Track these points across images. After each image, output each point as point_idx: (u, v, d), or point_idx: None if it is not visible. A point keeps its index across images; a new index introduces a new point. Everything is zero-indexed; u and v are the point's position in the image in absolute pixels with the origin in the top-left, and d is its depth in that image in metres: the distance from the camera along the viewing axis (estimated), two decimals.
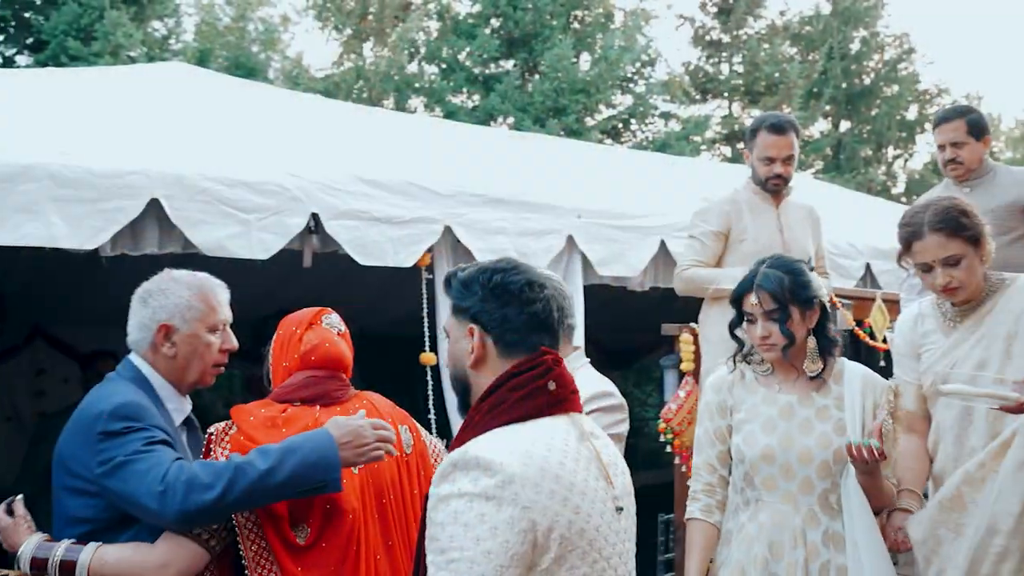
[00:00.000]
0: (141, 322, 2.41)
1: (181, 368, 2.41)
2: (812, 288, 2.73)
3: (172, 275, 2.45)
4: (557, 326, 1.85)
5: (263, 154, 3.88)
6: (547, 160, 5.76)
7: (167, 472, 2.10)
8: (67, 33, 11.63)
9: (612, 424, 2.91)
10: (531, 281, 1.83)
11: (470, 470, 1.63)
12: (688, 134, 16.69)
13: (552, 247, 4.39)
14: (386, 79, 15.84)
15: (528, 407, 1.75)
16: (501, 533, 1.58)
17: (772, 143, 4.10)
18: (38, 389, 8.47)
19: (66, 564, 2.14)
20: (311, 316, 2.53)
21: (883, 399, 2.70)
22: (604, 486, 1.78)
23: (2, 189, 3.01)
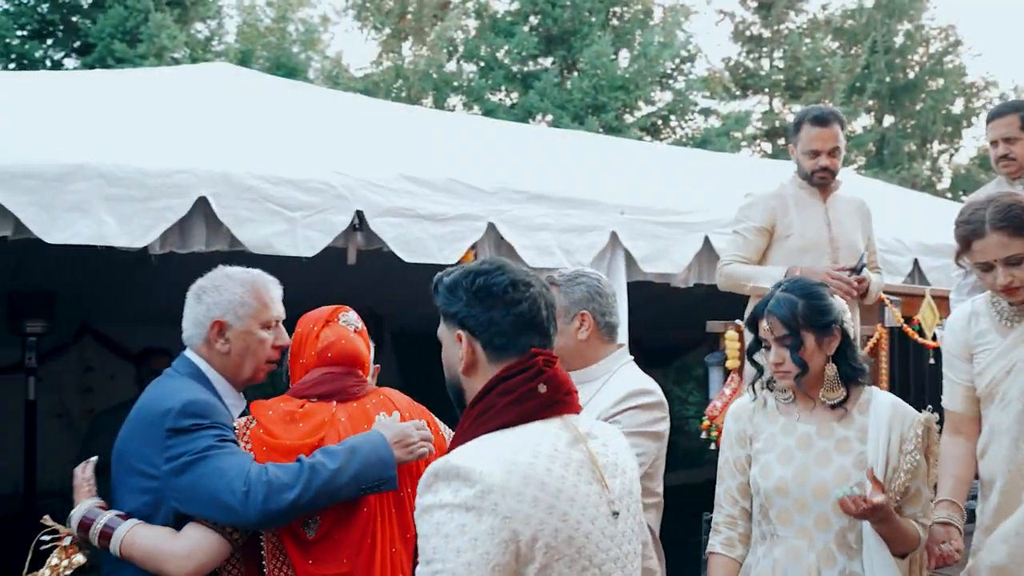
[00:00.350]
0: (195, 318, 2.43)
1: (235, 364, 2.43)
2: (831, 313, 2.57)
3: (226, 272, 2.47)
4: (547, 324, 1.82)
5: (308, 152, 3.91)
6: (589, 156, 5.73)
7: (249, 472, 2.12)
8: (113, 36, 11.82)
9: (650, 422, 2.90)
10: (515, 281, 1.79)
11: (451, 480, 1.61)
12: (728, 130, 16.54)
13: (595, 244, 4.37)
14: (425, 78, 15.89)
15: (517, 412, 1.72)
16: (481, 544, 1.56)
17: (816, 136, 4.02)
18: (86, 386, 8.62)
19: (105, 533, 2.18)
20: (328, 314, 2.54)
21: (911, 432, 2.50)
22: (598, 490, 1.74)
23: (55, 188, 3.05)
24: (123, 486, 2.28)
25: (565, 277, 3.12)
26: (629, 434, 2.86)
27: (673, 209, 4.68)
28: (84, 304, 7.57)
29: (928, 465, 2.55)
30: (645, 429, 2.88)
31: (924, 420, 2.53)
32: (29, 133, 3.32)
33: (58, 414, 8.40)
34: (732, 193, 5.22)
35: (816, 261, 4.00)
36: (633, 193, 4.67)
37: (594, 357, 3.07)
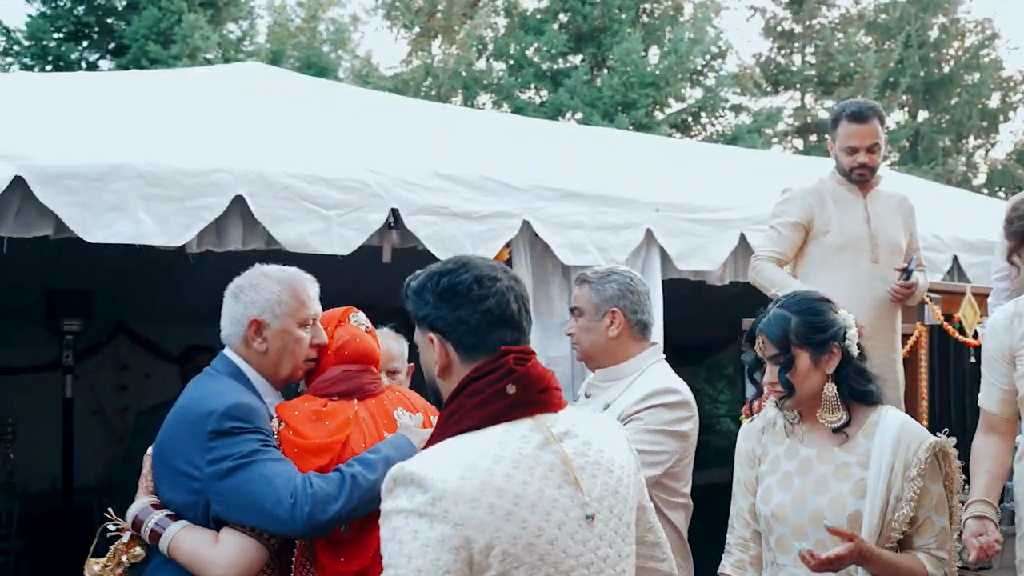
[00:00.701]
0: (233, 317, 2.42)
1: (273, 363, 2.42)
2: (826, 330, 2.43)
3: (263, 270, 2.47)
4: (518, 318, 1.76)
5: (342, 150, 3.91)
6: (622, 153, 5.69)
7: (295, 483, 2.12)
8: (147, 37, 11.94)
9: (674, 421, 2.88)
10: (479, 277, 1.75)
11: (407, 486, 1.60)
12: (759, 127, 16.40)
13: (630, 241, 4.33)
14: (454, 76, 15.92)
15: (483, 414, 1.69)
16: (432, 551, 1.55)
17: (854, 132, 3.94)
18: (121, 384, 8.72)
19: (155, 532, 2.20)
20: (340, 315, 2.56)
21: (915, 458, 2.33)
22: (569, 493, 1.69)
23: (95, 188, 3.08)
24: (165, 485, 2.28)
25: (597, 274, 3.10)
26: (652, 431, 2.85)
27: (708, 206, 4.63)
28: (119, 303, 7.64)
29: (949, 494, 2.41)
30: (668, 428, 2.86)
31: (932, 445, 2.37)
32: (69, 134, 3.34)
33: (94, 412, 8.50)
34: (768, 189, 5.17)
35: (855, 259, 3.94)
36: (668, 190, 4.63)
37: (625, 355, 3.05)
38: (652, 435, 2.83)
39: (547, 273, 4.16)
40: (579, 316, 3.06)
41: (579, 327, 3.06)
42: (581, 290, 3.09)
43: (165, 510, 2.25)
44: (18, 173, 2.95)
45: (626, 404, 2.93)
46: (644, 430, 2.82)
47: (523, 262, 4.08)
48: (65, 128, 3.43)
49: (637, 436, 2.76)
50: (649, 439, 2.81)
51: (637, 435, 2.77)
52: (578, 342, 3.08)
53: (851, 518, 2.34)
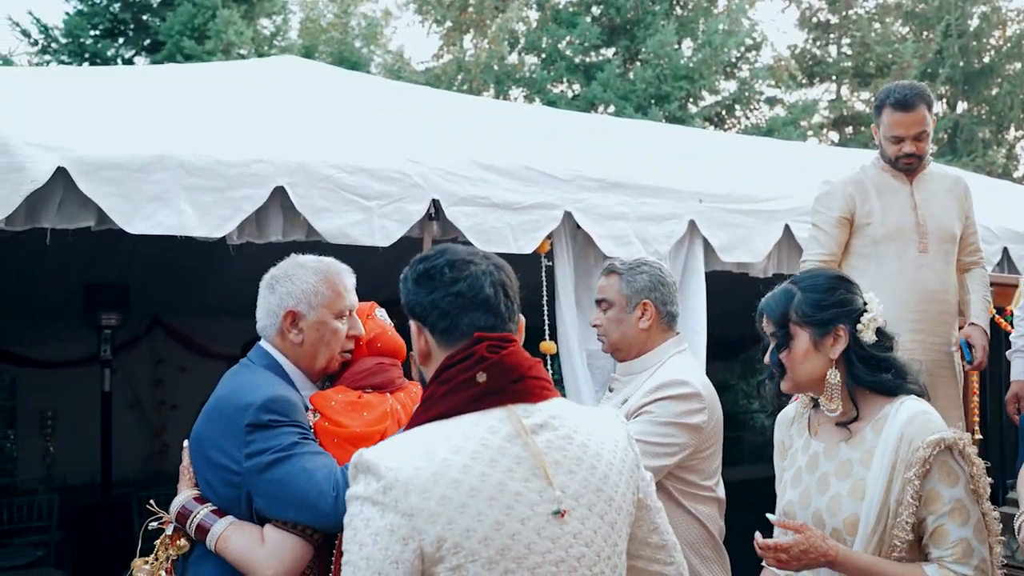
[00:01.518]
0: (269, 308, 2.39)
1: (309, 355, 2.38)
2: (834, 308, 2.25)
3: (298, 260, 2.43)
4: (495, 302, 1.73)
5: (382, 141, 3.87)
6: (663, 144, 5.60)
7: (336, 475, 2.07)
8: (182, 33, 12.02)
9: (684, 413, 2.82)
10: (453, 261, 1.73)
11: (365, 473, 1.59)
12: (795, 119, 16.19)
13: (673, 232, 4.25)
14: (486, 70, 15.86)
15: (452, 402, 1.66)
16: (381, 539, 1.54)
17: (899, 121, 3.76)
18: (157, 378, 8.79)
19: (201, 527, 2.18)
20: (368, 308, 2.54)
21: (915, 456, 2.12)
22: (537, 487, 1.63)
23: (136, 179, 3.05)
24: (203, 478, 2.26)
25: (627, 265, 3.05)
26: (660, 424, 2.80)
27: (753, 196, 4.53)
28: (155, 297, 7.68)
29: (974, 499, 2.13)
30: (678, 420, 2.81)
31: (937, 441, 2.12)
32: (110, 126, 3.32)
33: (131, 405, 8.57)
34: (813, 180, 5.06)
35: (901, 250, 3.79)
36: (711, 180, 4.53)
37: (651, 347, 3.01)
38: (661, 427, 2.79)
39: (589, 265, 4.09)
40: (608, 307, 3.02)
41: (608, 319, 3.02)
42: (609, 281, 3.04)
43: (209, 504, 2.22)
44: (61, 164, 2.93)
45: (639, 396, 2.89)
46: (653, 422, 2.79)
47: (565, 254, 4.01)
48: (106, 120, 3.41)
49: (645, 428, 2.75)
50: (657, 431, 2.77)
51: (645, 427, 2.75)
52: (606, 334, 3.04)
53: (847, 522, 2.18)
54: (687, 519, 2.88)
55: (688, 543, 2.86)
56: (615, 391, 3.09)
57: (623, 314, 2.98)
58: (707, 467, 2.94)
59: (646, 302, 2.97)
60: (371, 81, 6.39)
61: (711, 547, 2.94)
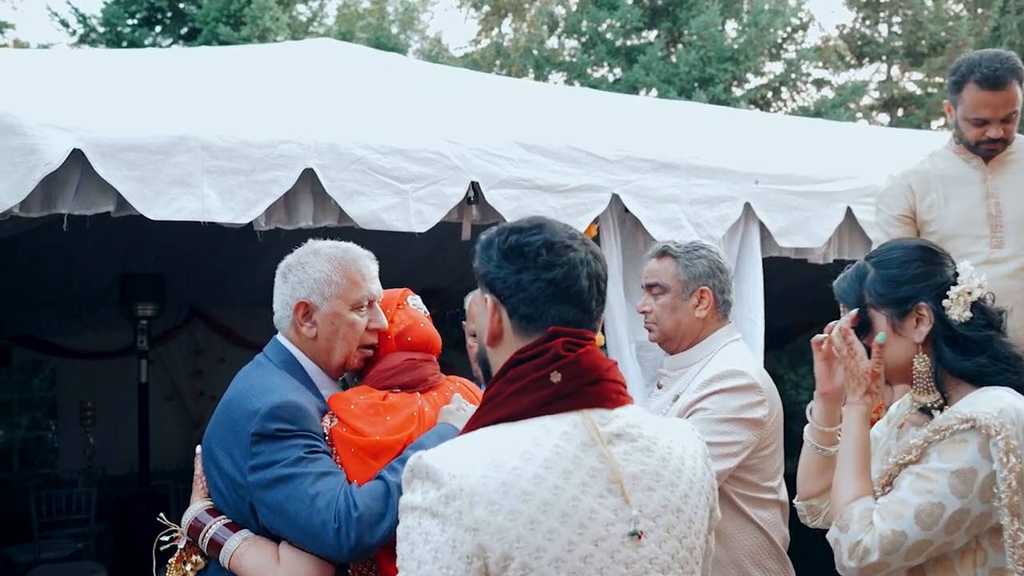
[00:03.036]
0: (283, 299, 2.21)
1: (324, 350, 2.19)
2: (911, 284, 1.99)
3: (314, 247, 2.25)
4: (587, 296, 1.55)
5: (418, 121, 3.65)
6: (713, 124, 5.32)
7: (338, 505, 1.88)
8: (218, 19, 11.94)
9: (743, 407, 2.58)
10: (552, 242, 1.55)
11: (423, 480, 1.43)
12: (844, 101, 15.72)
13: (727, 216, 3.98)
14: (525, 54, 15.61)
15: (521, 403, 1.49)
16: (442, 557, 1.37)
17: (986, 100, 3.23)
18: (196, 369, 8.71)
19: (214, 542, 2.01)
20: (398, 296, 2.31)
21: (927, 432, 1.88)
22: (613, 504, 1.45)
23: (156, 161, 2.87)
24: (213, 484, 2.09)
25: (683, 248, 2.80)
26: (719, 421, 2.54)
27: (812, 177, 4.24)
28: (192, 287, 7.60)
29: (1013, 517, 1.80)
30: (737, 415, 2.57)
31: (965, 418, 1.82)
32: (130, 106, 3.15)
33: (169, 396, 8.51)
34: (877, 160, 4.76)
35: (968, 246, 3.31)
36: (767, 161, 4.25)
37: (704, 338, 2.78)
38: (720, 424, 2.55)
39: (637, 251, 3.84)
40: (661, 293, 2.77)
41: (661, 305, 2.77)
42: (663, 264, 2.79)
43: (222, 517, 2.05)
44: (76, 146, 2.76)
45: (691, 392, 2.65)
46: (710, 419, 2.54)
47: (612, 239, 3.77)
48: (126, 100, 3.24)
49: (703, 427, 2.49)
50: (716, 429, 2.53)
51: (702, 425, 2.51)
52: (657, 321, 2.79)
53: None
54: (747, 527, 2.64)
55: (748, 554, 2.62)
56: (664, 387, 2.85)
57: (678, 301, 2.75)
58: (768, 466, 2.70)
59: (704, 289, 2.74)
60: (408, 63, 6.17)
61: (774, 558, 2.69)
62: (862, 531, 1.86)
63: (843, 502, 1.93)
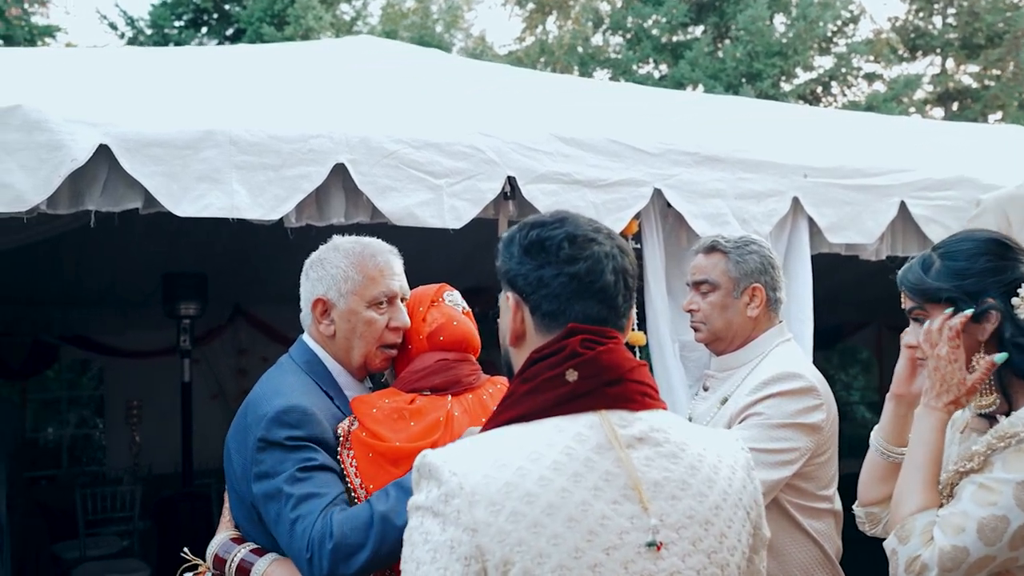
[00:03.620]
0: (304, 296, 2.17)
1: (343, 349, 2.13)
2: (978, 279, 1.86)
3: (335, 242, 2.20)
4: (613, 292, 1.48)
5: (453, 114, 3.55)
6: (763, 117, 5.16)
7: (312, 534, 1.79)
8: (262, 19, 12.00)
9: (801, 412, 2.44)
10: (574, 235, 1.49)
11: (427, 479, 1.38)
12: (896, 95, 15.34)
13: (775, 211, 3.83)
14: (570, 51, 15.49)
15: (535, 402, 1.42)
16: (440, 558, 1.32)
17: None
18: (240, 367, 8.73)
19: (242, 568, 1.96)
20: (433, 293, 2.22)
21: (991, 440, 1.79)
22: (629, 511, 1.35)
23: (184, 157, 2.81)
24: (233, 491, 2.04)
25: (733, 243, 2.66)
26: (775, 426, 2.39)
27: (864, 170, 4.07)
28: (235, 286, 7.61)
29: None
30: (794, 420, 2.42)
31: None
32: (156, 101, 3.10)
33: (214, 395, 8.54)
34: (932, 153, 4.57)
35: None
36: (816, 153, 4.08)
37: (754, 338, 2.64)
38: (775, 430, 2.41)
39: (681, 247, 3.71)
40: (711, 290, 2.63)
41: (710, 303, 2.63)
42: (711, 260, 2.65)
43: (248, 544, 1.99)
44: (103, 141, 2.71)
45: (743, 395, 2.51)
46: (764, 425, 2.41)
47: (654, 235, 3.64)
48: (155, 96, 3.19)
49: (756, 433, 2.37)
50: (772, 435, 2.40)
51: (756, 431, 2.38)
52: (706, 320, 2.65)
53: None
54: (800, 538, 2.50)
55: (801, 567, 2.48)
56: (711, 389, 2.71)
57: (729, 299, 2.61)
58: (824, 474, 2.56)
59: (756, 286, 2.60)
60: (446, 59, 6.09)
61: (828, 570, 2.55)
62: (922, 545, 1.74)
63: (906, 512, 1.81)
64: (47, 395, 9.34)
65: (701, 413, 2.66)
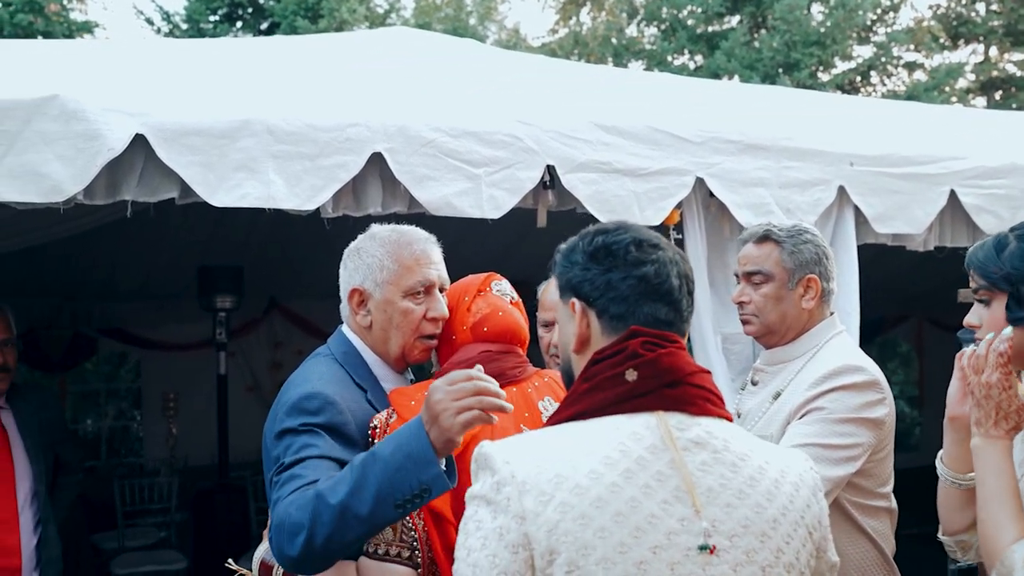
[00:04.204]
0: (342, 287, 2.15)
1: (380, 340, 2.09)
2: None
3: (373, 231, 2.17)
4: (678, 296, 1.51)
5: (491, 103, 3.49)
6: (806, 105, 5.04)
7: (273, 517, 1.76)
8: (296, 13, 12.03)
9: (863, 406, 2.35)
10: (640, 240, 1.52)
11: (483, 469, 1.41)
12: (937, 85, 15.05)
13: (820, 200, 3.72)
14: (604, 43, 15.38)
15: (592, 400, 1.44)
16: (490, 545, 1.34)
17: None
18: (275, 361, 8.75)
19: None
20: (480, 282, 2.17)
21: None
22: (680, 513, 1.33)
23: (220, 146, 2.78)
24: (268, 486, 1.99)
25: (788, 233, 2.57)
26: (838, 421, 2.30)
27: (912, 159, 3.95)
28: (271, 279, 7.62)
29: None
30: (857, 415, 2.34)
31: None
32: (192, 91, 3.08)
33: (249, 388, 8.57)
34: (982, 141, 4.44)
35: None
36: (862, 141, 3.97)
37: (807, 330, 2.55)
38: (839, 425, 2.32)
39: (723, 238, 3.63)
40: (764, 282, 2.54)
41: (764, 295, 2.54)
42: (764, 250, 2.56)
43: None
44: (139, 131, 2.68)
45: (801, 390, 2.42)
46: (829, 420, 2.32)
47: (696, 225, 3.56)
48: (191, 86, 3.16)
49: (819, 428, 2.29)
50: (836, 431, 2.31)
51: (819, 427, 2.30)
52: (758, 312, 2.56)
53: None
54: (857, 538, 2.42)
55: (857, 567, 2.40)
56: (760, 384, 2.63)
57: (783, 290, 2.53)
58: (882, 471, 2.48)
59: (811, 277, 2.52)
60: (482, 49, 6.03)
61: (885, 570, 2.47)
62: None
63: (1001, 548, 1.70)
64: (86, 387, 9.44)
65: (751, 408, 2.58)
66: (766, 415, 2.49)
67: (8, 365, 3.54)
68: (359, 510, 1.67)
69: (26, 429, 3.52)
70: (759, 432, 2.43)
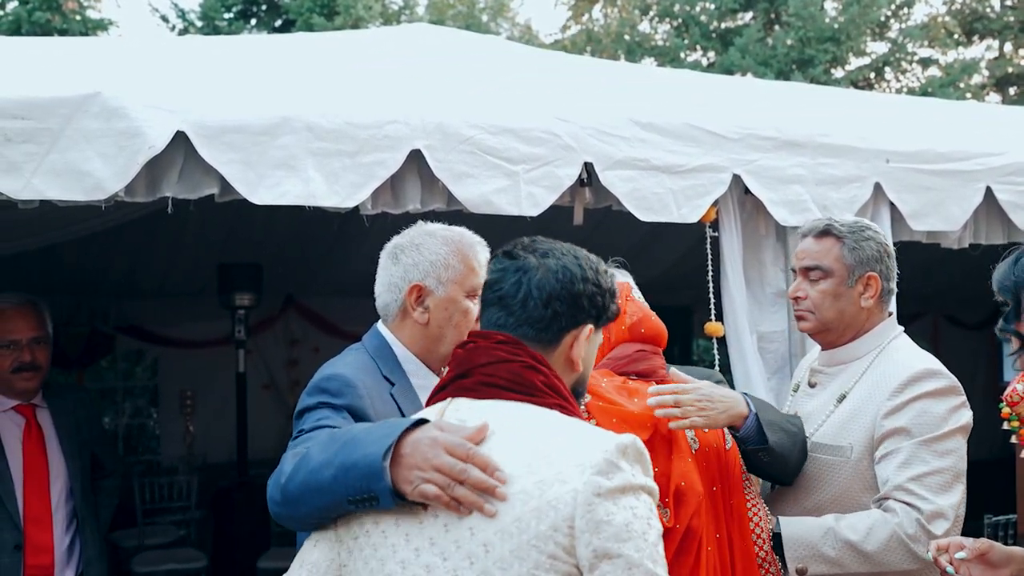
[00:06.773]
0: (391, 282, 2.11)
1: (433, 338, 2.09)
2: None
3: (427, 228, 2.17)
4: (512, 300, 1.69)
5: (528, 99, 3.46)
6: (838, 102, 5.00)
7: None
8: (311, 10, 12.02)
9: (950, 412, 2.28)
10: (500, 252, 1.77)
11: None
12: (952, 81, 14.95)
13: (856, 197, 3.69)
14: (617, 40, 15.32)
15: None
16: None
17: None
18: (292, 358, 8.73)
19: None
20: (625, 288, 2.29)
21: None
22: None
23: (260, 143, 2.75)
24: None
25: (848, 228, 2.52)
26: (939, 439, 2.22)
27: (948, 155, 3.91)
28: (289, 277, 7.60)
29: None
30: (948, 428, 2.27)
31: None
32: (232, 88, 3.05)
33: (266, 385, 8.55)
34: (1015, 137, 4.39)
35: None
36: (898, 137, 3.93)
37: (867, 330, 2.50)
38: (937, 443, 2.25)
39: (759, 235, 3.60)
40: (822, 278, 2.49)
41: (821, 291, 2.48)
42: (824, 245, 2.50)
43: None
44: (180, 128, 2.66)
45: (879, 399, 2.33)
46: (919, 444, 2.24)
47: (732, 222, 3.52)
48: (230, 83, 3.14)
49: (914, 455, 2.21)
50: (934, 450, 2.24)
51: (914, 453, 2.22)
52: (815, 309, 2.49)
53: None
54: None
55: None
56: (818, 386, 2.56)
57: (842, 288, 2.48)
58: None
59: (872, 275, 2.47)
60: (507, 45, 6.00)
61: None
62: None
63: None
64: (103, 385, 9.42)
65: (812, 411, 2.52)
66: (832, 418, 2.43)
67: (38, 363, 3.46)
68: (319, 482, 1.58)
69: (63, 428, 3.49)
70: (829, 439, 2.39)
